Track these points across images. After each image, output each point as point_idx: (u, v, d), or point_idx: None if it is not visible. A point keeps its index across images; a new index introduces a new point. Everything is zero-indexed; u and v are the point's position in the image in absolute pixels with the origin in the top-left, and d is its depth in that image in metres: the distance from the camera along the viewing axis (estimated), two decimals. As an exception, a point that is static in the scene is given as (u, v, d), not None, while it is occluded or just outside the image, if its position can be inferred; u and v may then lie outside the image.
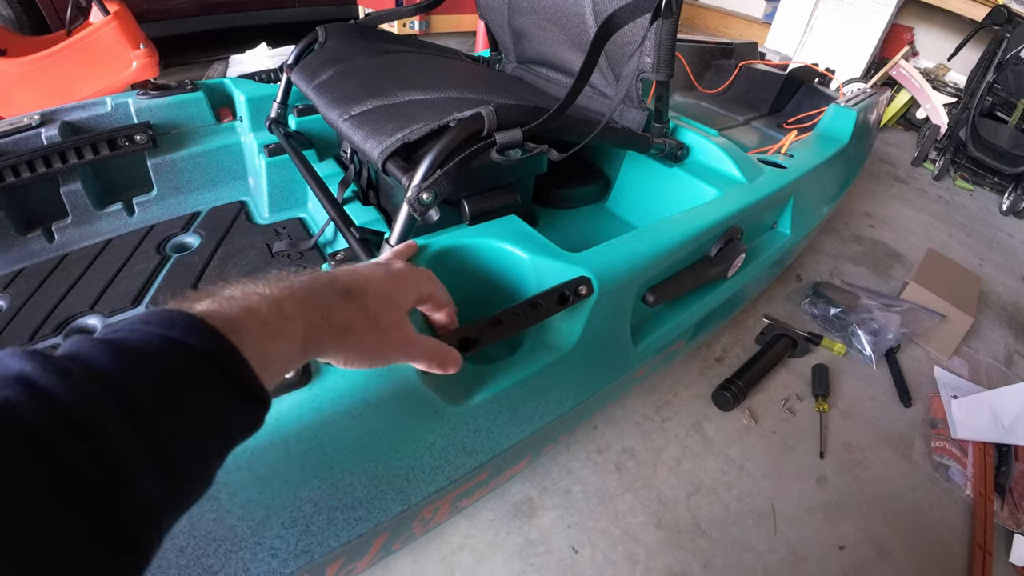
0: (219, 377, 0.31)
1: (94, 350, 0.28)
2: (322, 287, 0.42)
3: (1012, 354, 1.76)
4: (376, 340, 0.45)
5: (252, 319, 0.35)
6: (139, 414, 0.27)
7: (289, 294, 0.39)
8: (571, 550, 1.02)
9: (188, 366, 0.30)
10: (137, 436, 0.26)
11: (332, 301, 0.42)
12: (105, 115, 1.18)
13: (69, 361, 0.27)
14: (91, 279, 1.08)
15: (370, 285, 0.46)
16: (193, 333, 0.31)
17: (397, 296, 0.49)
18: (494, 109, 0.72)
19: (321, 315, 0.40)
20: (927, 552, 1.14)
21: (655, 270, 0.82)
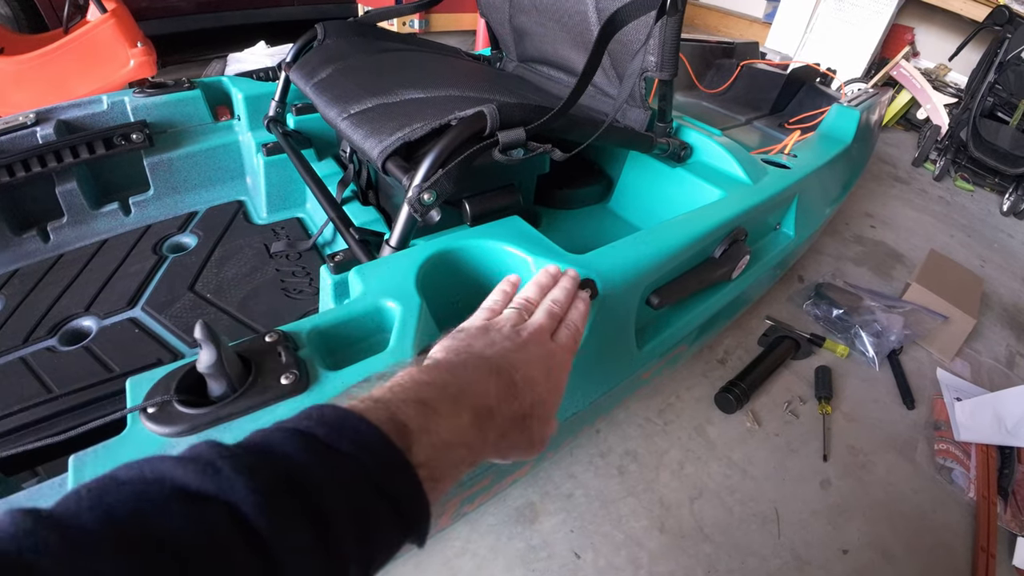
0: (407, 535, 0.31)
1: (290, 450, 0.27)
2: (512, 415, 0.41)
3: (1014, 355, 1.75)
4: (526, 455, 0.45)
5: (450, 474, 0.34)
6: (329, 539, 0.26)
7: (485, 430, 0.38)
8: (573, 555, 1.00)
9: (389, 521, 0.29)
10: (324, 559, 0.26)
11: (512, 431, 0.42)
12: (101, 113, 1.16)
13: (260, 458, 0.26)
14: (86, 280, 1.07)
15: (541, 404, 0.45)
16: (403, 488, 0.30)
17: (554, 415, 0.48)
18: (496, 107, 0.71)
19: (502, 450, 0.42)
20: (930, 556, 1.13)
21: (660, 272, 0.81)
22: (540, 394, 0.44)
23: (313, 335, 0.56)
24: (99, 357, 0.91)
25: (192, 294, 1.03)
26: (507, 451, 0.43)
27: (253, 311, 0.99)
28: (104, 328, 0.97)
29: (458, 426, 0.36)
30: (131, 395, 0.50)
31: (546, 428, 0.46)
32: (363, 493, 0.28)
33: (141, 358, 0.90)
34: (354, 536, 0.27)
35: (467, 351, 0.44)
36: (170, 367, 0.51)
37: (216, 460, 0.26)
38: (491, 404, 0.39)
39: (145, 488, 0.24)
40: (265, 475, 0.26)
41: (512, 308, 0.51)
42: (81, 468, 0.44)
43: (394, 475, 0.30)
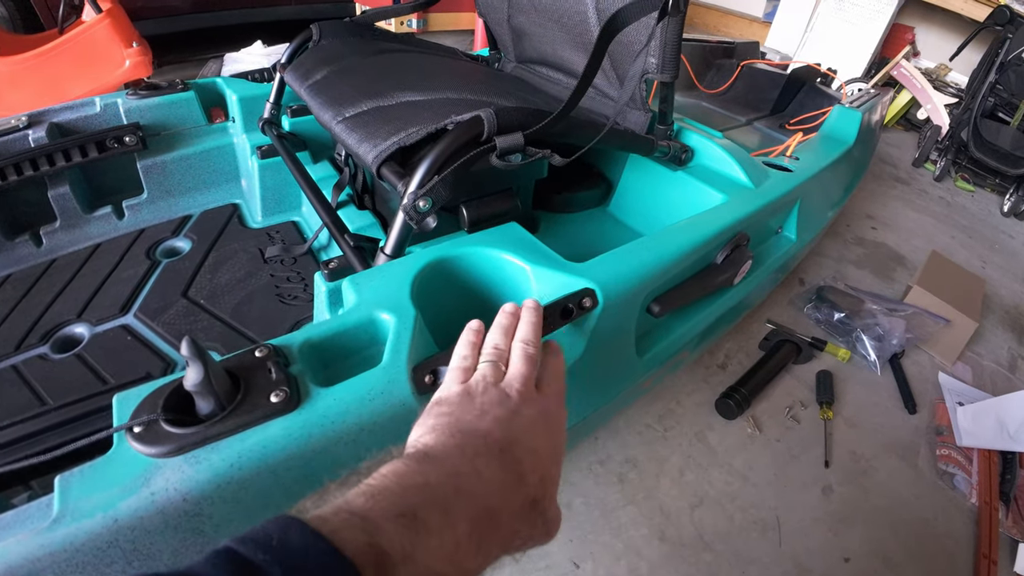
0: None
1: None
2: (520, 503, 0.36)
3: (1016, 359, 1.73)
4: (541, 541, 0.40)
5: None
6: None
7: (486, 537, 0.33)
8: (573, 565, 0.99)
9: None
10: None
11: (523, 520, 0.37)
12: (94, 116, 1.15)
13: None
14: (79, 285, 1.05)
15: (549, 478, 0.40)
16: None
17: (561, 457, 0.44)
18: (494, 112, 0.69)
19: (510, 549, 0.36)
20: (932, 563, 1.12)
21: (661, 280, 0.79)
22: (547, 466, 0.39)
23: (304, 349, 0.54)
24: (91, 365, 0.89)
25: (185, 300, 1.01)
26: (518, 548, 0.37)
27: (247, 318, 0.97)
28: (96, 335, 0.96)
29: (453, 541, 0.30)
30: (118, 412, 0.48)
31: (555, 504, 0.41)
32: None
33: (133, 366, 0.89)
34: None
35: (458, 428, 0.37)
36: (158, 383, 0.50)
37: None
38: (494, 504, 0.34)
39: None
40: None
41: (485, 362, 0.45)
42: (67, 488, 0.43)
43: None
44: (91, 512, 0.42)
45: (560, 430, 0.44)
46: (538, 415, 0.42)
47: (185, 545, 0.45)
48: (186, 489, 0.44)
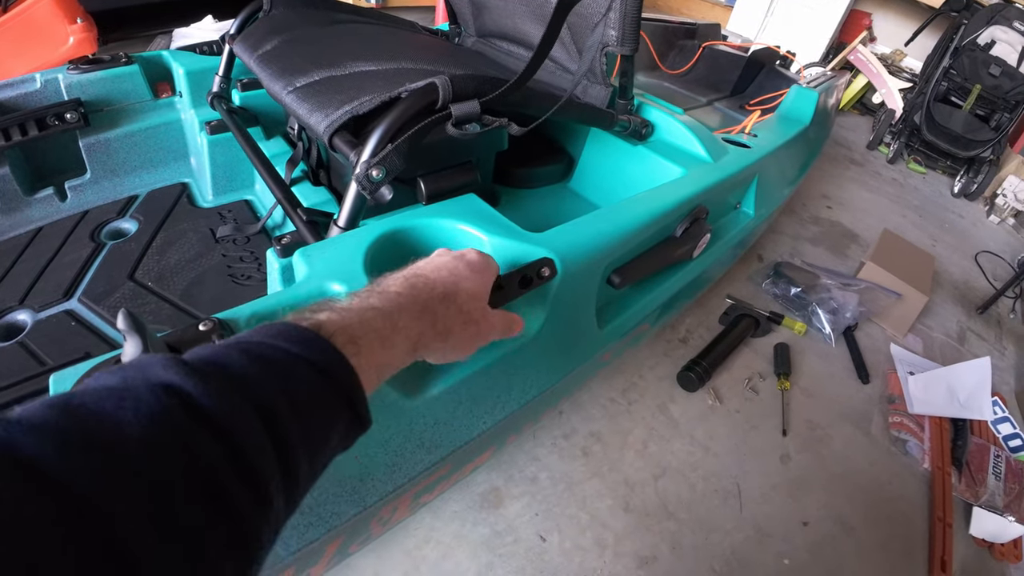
0: (338, 398, 0.33)
1: (231, 357, 0.29)
2: (428, 295, 0.45)
3: (965, 331, 1.81)
4: (470, 335, 0.49)
5: (370, 335, 0.37)
6: (275, 426, 0.28)
7: (399, 307, 0.41)
8: (539, 538, 1.00)
9: (313, 384, 0.32)
10: (272, 446, 0.28)
11: (436, 308, 0.45)
12: (34, 93, 1.09)
13: (208, 363, 0.28)
14: (20, 271, 1.00)
15: (461, 283, 0.48)
16: (318, 351, 0.33)
17: (482, 288, 0.51)
18: (449, 79, 0.68)
19: (430, 323, 0.44)
20: (888, 525, 1.17)
21: (620, 251, 0.79)
22: (457, 274, 0.49)
23: (253, 323, 0.52)
24: (34, 352, 0.85)
25: (132, 283, 0.97)
26: (448, 329, 0.46)
27: (198, 299, 0.94)
28: (39, 322, 0.91)
29: (367, 305, 0.39)
30: (54, 391, 0.46)
31: (478, 303, 0.50)
32: (281, 362, 0.31)
33: (77, 352, 0.85)
34: (282, 397, 0.29)
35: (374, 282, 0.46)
36: (95, 360, 0.47)
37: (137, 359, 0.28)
38: (401, 291, 0.43)
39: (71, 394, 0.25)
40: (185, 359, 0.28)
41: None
42: None
43: (306, 343, 0.32)
44: None
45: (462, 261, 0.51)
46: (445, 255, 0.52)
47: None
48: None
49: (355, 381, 0.34)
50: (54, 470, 0.20)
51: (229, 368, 0.29)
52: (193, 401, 0.25)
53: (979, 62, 2.74)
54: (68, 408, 0.23)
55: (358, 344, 0.35)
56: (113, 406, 0.24)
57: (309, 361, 0.32)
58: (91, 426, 0.22)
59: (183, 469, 0.23)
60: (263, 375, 0.29)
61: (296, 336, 0.33)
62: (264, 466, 0.27)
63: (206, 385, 0.26)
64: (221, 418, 0.26)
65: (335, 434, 0.33)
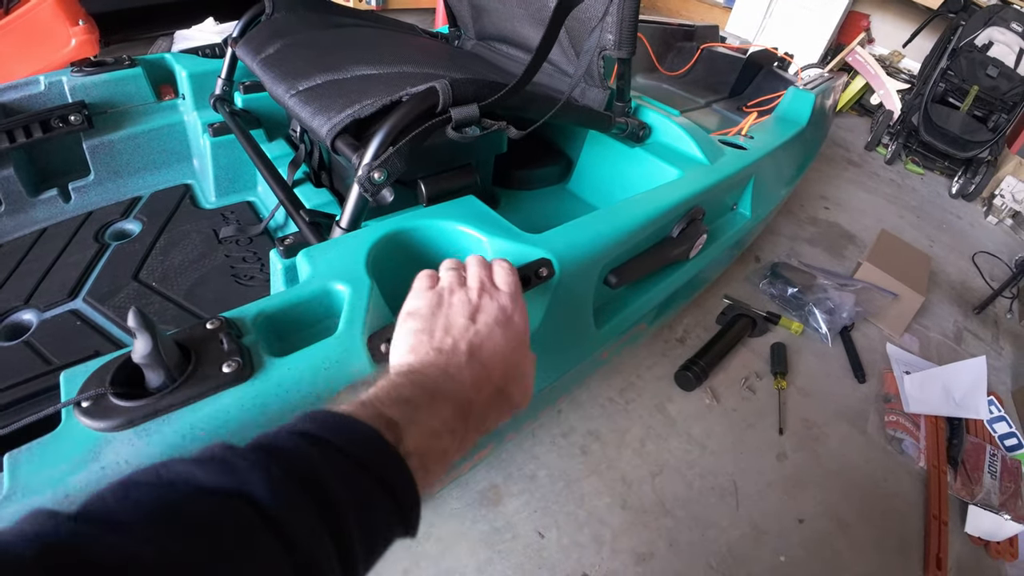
0: (400, 520, 0.34)
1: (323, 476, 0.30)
2: (487, 398, 0.44)
3: (961, 331, 1.83)
4: (511, 415, 0.48)
5: (439, 462, 0.37)
6: (345, 541, 0.29)
7: (466, 423, 0.41)
8: (538, 535, 1.01)
9: (381, 503, 0.32)
10: (339, 563, 0.29)
11: (491, 408, 0.44)
12: (39, 95, 1.10)
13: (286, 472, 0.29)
14: (25, 271, 1.01)
15: (512, 369, 0.47)
16: (392, 473, 0.33)
17: (528, 369, 0.50)
18: (449, 83, 0.69)
19: (485, 426, 0.44)
20: (884, 523, 1.18)
21: (617, 251, 0.81)
22: (509, 359, 0.47)
23: (259, 321, 0.54)
24: (40, 352, 0.86)
25: (136, 283, 0.98)
26: (494, 423, 0.45)
27: (201, 300, 0.95)
28: (45, 321, 0.92)
29: (442, 417, 0.38)
30: (65, 389, 0.47)
31: (523, 384, 0.48)
32: (361, 483, 0.32)
33: (83, 351, 0.86)
34: (355, 520, 0.30)
35: (432, 347, 0.45)
36: (106, 358, 0.49)
37: (229, 459, 0.29)
38: (469, 395, 0.42)
39: (166, 487, 0.27)
40: (275, 471, 0.29)
41: (447, 270, 0.52)
42: (16, 466, 0.42)
43: (387, 464, 0.33)
44: (41, 489, 0.41)
45: (515, 323, 0.49)
46: (497, 312, 0.48)
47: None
48: (138, 462, 0.43)
49: (418, 507, 0.35)
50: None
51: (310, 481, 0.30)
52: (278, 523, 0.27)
53: (977, 63, 2.75)
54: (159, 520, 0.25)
55: (427, 469, 0.36)
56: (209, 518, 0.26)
57: (385, 483, 0.33)
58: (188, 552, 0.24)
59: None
60: (342, 491, 0.30)
61: (375, 449, 0.33)
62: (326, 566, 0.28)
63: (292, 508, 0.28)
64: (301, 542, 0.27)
65: (388, 544, 0.35)
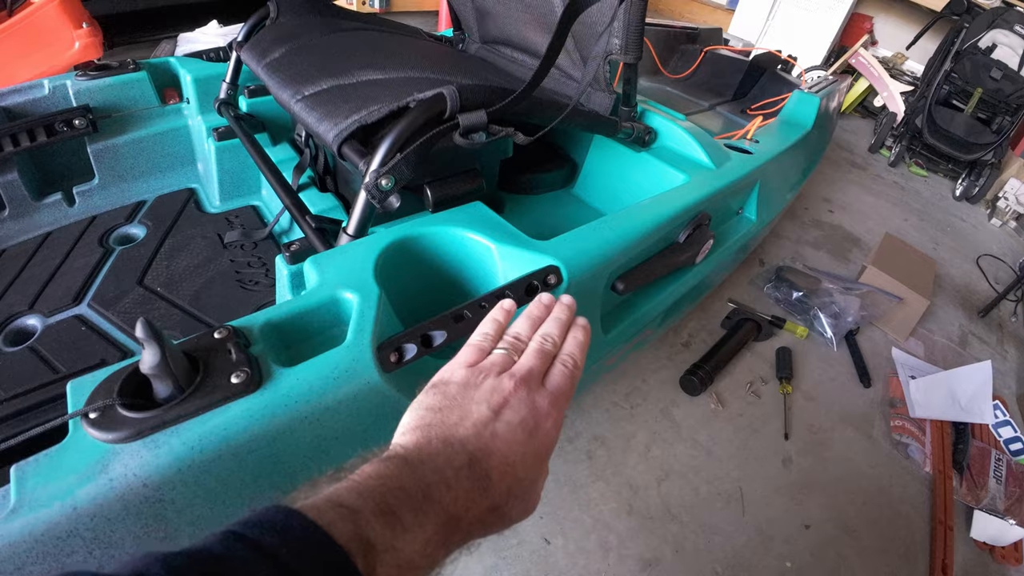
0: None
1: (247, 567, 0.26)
2: (482, 510, 0.37)
3: (966, 334, 1.82)
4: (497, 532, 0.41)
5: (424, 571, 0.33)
6: None
7: (450, 536, 0.34)
8: (544, 541, 1.01)
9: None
10: None
11: (481, 523, 0.37)
12: (42, 99, 1.10)
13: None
14: (30, 276, 1.01)
15: (516, 488, 0.39)
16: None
17: (536, 487, 0.42)
18: (457, 89, 0.69)
19: (463, 542, 0.37)
20: (889, 528, 1.17)
21: (625, 258, 0.80)
22: (520, 474, 0.39)
23: (266, 330, 0.53)
24: (44, 358, 0.86)
25: (141, 288, 0.98)
26: (480, 537, 0.39)
27: (206, 305, 0.95)
28: (49, 327, 0.92)
29: (423, 540, 0.33)
30: (72, 399, 0.47)
31: (528, 503, 0.41)
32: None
33: (88, 357, 0.86)
34: None
35: (437, 435, 0.39)
36: (113, 368, 0.48)
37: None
38: (458, 513, 0.35)
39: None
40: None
41: (500, 349, 0.45)
42: (23, 478, 0.42)
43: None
44: (49, 501, 0.40)
45: (544, 433, 0.42)
46: (526, 417, 0.41)
47: (147, 531, 0.44)
48: (146, 474, 0.43)
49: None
50: None
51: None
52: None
53: (980, 65, 2.74)
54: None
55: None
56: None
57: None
58: None
59: None
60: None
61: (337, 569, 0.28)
62: None
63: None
64: None
65: None
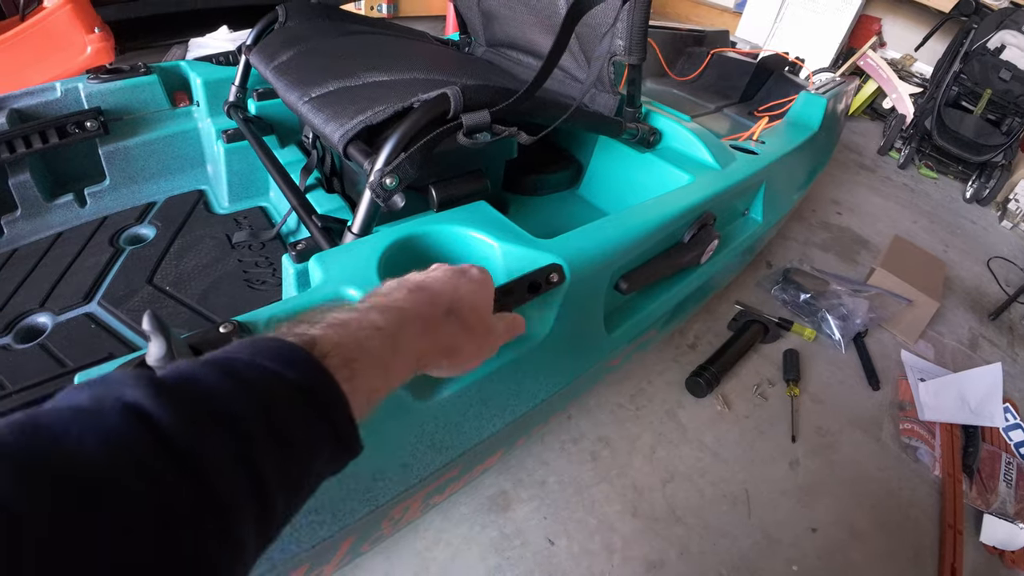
0: (323, 425, 0.31)
1: (208, 377, 0.28)
2: (431, 310, 0.43)
3: (976, 337, 1.80)
4: (474, 349, 0.48)
5: (367, 357, 0.34)
6: (249, 455, 0.26)
7: (401, 324, 0.39)
8: (547, 542, 1.00)
9: (296, 410, 0.29)
10: (244, 476, 0.26)
11: (440, 324, 0.43)
12: (55, 101, 1.12)
13: (180, 384, 0.26)
14: (41, 275, 1.03)
15: (465, 296, 0.47)
16: (305, 373, 0.30)
17: (485, 301, 0.50)
18: (460, 89, 0.69)
19: (433, 341, 0.42)
20: (899, 532, 1.16)
21: (628, 257, 0.80)
22: (459, 288, 0.47)
23: (271, 325, 0.54)
24: (54, 354, 0.88)
25: (151, 287, 0.99)
26: (451, 347, 0.45)
27: (214, 304, 0.96)
28: (60, 324, 0.94)
29: (368, 322, 0.37)
30: None
31: (480, 316, 0.48)
32: (261, 381, 0.29)
33: (97, 354, 0.87)
34: (255, 417, 0.27)
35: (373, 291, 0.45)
36: (118, 361, 0.49)
37: (109, 375, 0.26)
38: (403, 307, 0.41)
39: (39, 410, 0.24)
40: (156, 377, 0.26)
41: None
42: None
43: (293, 364, 0.30)
44: None
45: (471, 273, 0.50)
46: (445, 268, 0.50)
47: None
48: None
49: (344, 408, 0.32)
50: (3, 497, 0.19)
51: (203, 389, 0.27)
52: (161, 428, 0.24)
53: (989, 67, 2.72)
54: (33, 430, 0.22)
55: (352, 368, 0.33)
56: (77, 430, 0.22)
57: (295, 384, 0.30)
58: (51, 453, 0.21)
59: (142, 505, 0.22)
60: (241, 398, 0.27)
61: (284, 355, 0.30)
62: (233, 501, 0.25)
63: (176, 410, 0.24)
64: (188, 447, 0.24)
65: (318, 461, 0.31)
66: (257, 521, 0.26)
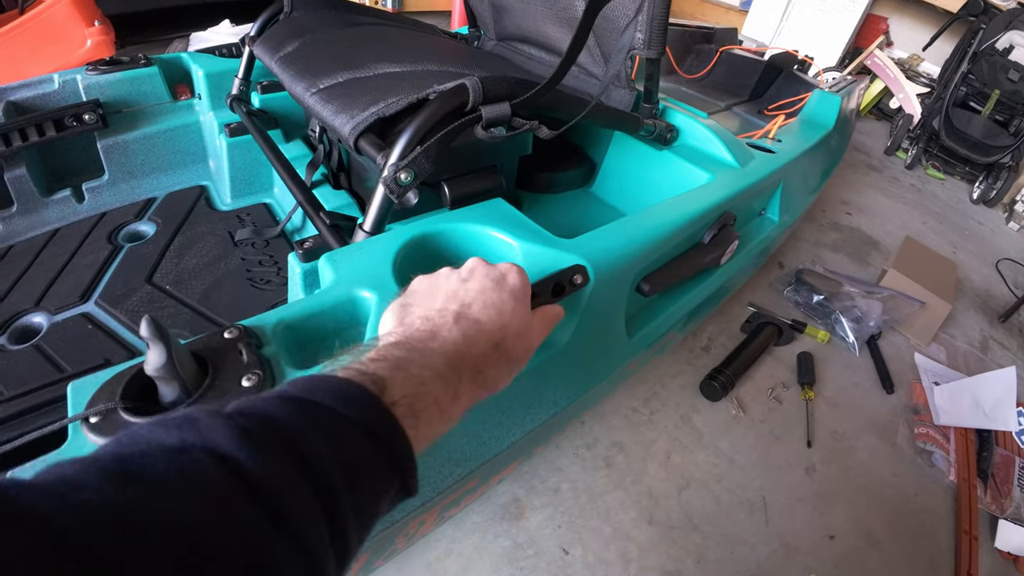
0: (392, 472, 0.32)
1: (288, 420, 0.28)
2: (482, 348, 0.42)
3: (987, 340, 1.77)
4: (514, 371, 0.47)
5: (431, 408, 0.36)
6: (333, 508, 0.27)
7: (458, 369, 0.39)
8: (562, 551, 0.97)
9: (374, 461, 0.31)
10: (327, 529, 0.27)
11: (488, 361, 0.43)
12: (52, 93, 1.09)
13: (265, 434, 0.27)
14: (37, 273, 1.00)
15: (510, 323, 0.46)
16: (379, 423, 0.32)
17: (526, 324, 0.48)
18: (480, 80, 0.66)
19: (482, 382, 0.42)
20: (914, 538, 1.13)
21: (651, 258, 0.77)
22: (506, 313, 0.46)
23: (279, 330, 0.51)
24: (50, 356, 0.84)
25: (150, 286, 0.96)
26: (493, 379, 0.44)
27: (216, 304, 0.93)
28: (55, 324, 0.90)
29: (430, 367, 0.37)
30: (73, 402, 0.44)
31: (527, 340, 0.47)
32: (341, 433, 0.30)
33: (94, 357, 0.84)
34: (338, 470, 0.28)
35: (416, 315, 0.44)
36: (116, 369, 0.46)
37: (194, 415, 0.26)
38: (460, 350, 0.41)
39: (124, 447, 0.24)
40: (242, 421, 0.27)
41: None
42: None
43: (368, 412, 0.31)
44: None
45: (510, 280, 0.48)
46: (488, 271, 0.48)
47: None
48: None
49: (410, 456, 0.33)
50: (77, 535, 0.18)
51: (288, 439, 0.28)
52: (252, 482, 0.24)
53: (998, 67, 2.69)
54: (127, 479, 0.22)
55: (418, 417, 0.34)
56: (168, 472, 0.23)
57: (369, 432, 0.31)
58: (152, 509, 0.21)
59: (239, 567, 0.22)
60: (323, 450, 0.28)
61: (359, 402, 0.31)
62: (319, 551, 0.26)
63: (267, 464, 0.25)
64: (281, 505, 0.24)
65: (384, 506, 0.32)
66: (336, 567, 0.27)
